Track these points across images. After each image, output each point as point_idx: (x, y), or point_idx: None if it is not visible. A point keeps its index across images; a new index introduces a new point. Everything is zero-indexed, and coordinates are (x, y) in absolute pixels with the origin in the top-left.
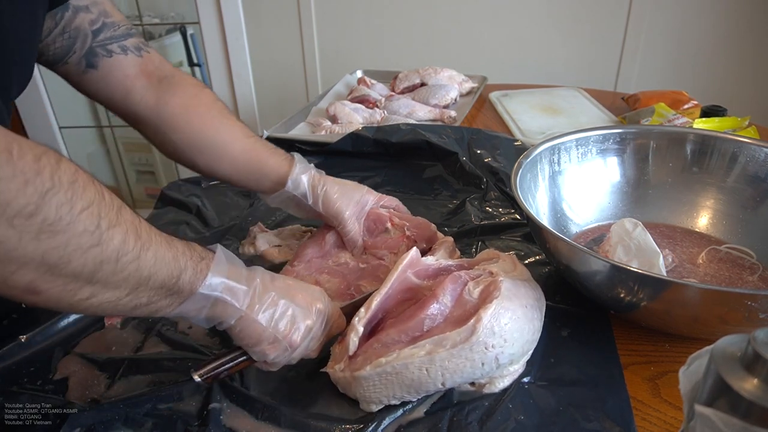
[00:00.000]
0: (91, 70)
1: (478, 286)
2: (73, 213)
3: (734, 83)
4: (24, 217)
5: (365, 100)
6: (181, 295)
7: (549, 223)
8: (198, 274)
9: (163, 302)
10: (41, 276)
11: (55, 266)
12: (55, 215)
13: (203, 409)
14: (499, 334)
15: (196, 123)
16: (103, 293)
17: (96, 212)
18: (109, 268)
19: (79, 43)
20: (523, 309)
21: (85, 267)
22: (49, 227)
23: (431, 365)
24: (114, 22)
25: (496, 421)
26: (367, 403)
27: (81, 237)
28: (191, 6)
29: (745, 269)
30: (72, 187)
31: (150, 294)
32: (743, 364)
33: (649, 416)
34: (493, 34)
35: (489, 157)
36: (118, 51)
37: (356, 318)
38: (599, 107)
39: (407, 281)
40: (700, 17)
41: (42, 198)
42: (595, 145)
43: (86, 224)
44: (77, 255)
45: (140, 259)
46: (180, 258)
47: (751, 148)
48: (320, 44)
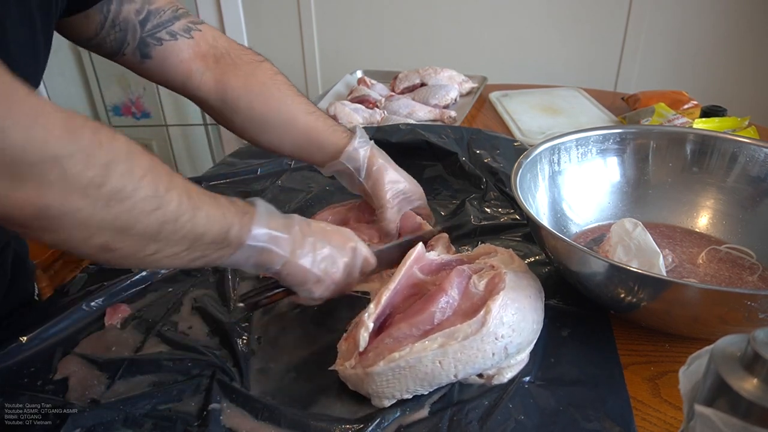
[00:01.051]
0: (146, 60)
1: (483, 279)
2: (134, 180)
3: (734, 83)
4: (95, 188)
5: (365, 100)
6: (230, 247)
7: (549, 223)
8: (243, 228)
9: (215, 255)
10: (114, 237)
11: (124, 228)
12: (120, 183)
13: (203, 409)
14: (508, 324)
15: (257, 104)
16: (165, 250)
17: (154, 178)
18: (169, 228)
19: (130, 35)
20: (528, 299)
21: (149, 227)
22: (117, 194)
23: (444, 358)
24: (158, 8)
25: (496, 421)
26: (380, 399)
27: (144, 201)
28: (191, 6)
29: (745, 269)
30: (129, 157)
31: (204, 248)
32: (743, 364)
33: (649, 416)
34: (493, 34)
35: (489, 158)
36: (167, 38)
37: (366, 314)
38: (599, 107)
39: (413, 277)
40: (700, 17)
41: (106, 169)
42: (595, 145)
43: (147, 190)
44: (143, 217)
45: (195, 218)
46: (227, 214)
47: (751, 148)
48: (320, 44)
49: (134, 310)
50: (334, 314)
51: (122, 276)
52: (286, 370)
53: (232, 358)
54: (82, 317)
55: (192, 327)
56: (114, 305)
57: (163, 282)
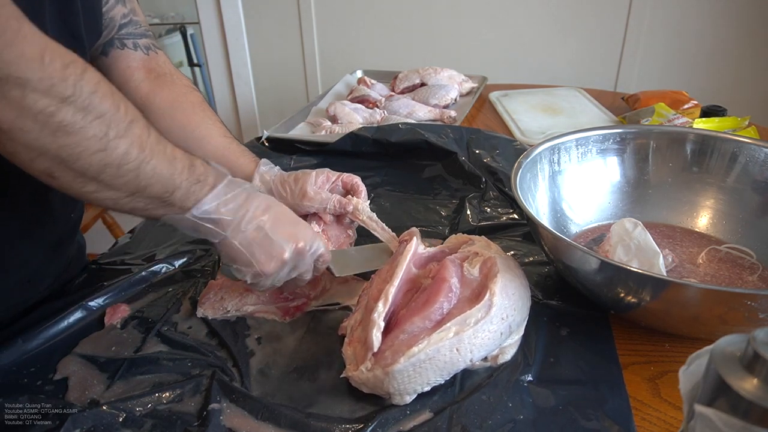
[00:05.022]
0: (102, 57)
1: (475, 265)
2: (86, 120)
3: (734, 83)
4: (45, 116)
5: (365, 100)
6: (173, 207)
7: (549, 223)
8: (190, 196)
9: (157, 211)
10: (55, 165)
11: (66, 160)
12: (70, 119)
13: (203, 409)
14: (510, 304)
15: (179, 117)
16: (105, 191)
17: (107, 122)
18: (111, 172)
19: (106, 32)
20: (519, 279)
21: (91, 166)
22: (65, 127)
23: (460, 344)
24: (138, 21)
25: (496, 421)
26: (401, 396)
27: (90, 141)
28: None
29: (745, 269)
30: (91, 97)
31: (146, 201)
32: (743, 364)
33: (648, 416)
34: (493, 34)
35: (488, 157)
36: (130, 46)
37: (375, 313)
38: (599, 107)
39: (409, 272)
40: (700, 17)
41: (62, 102)
42: (595, 145)
43: (96, 131)
44: (85, 155)
45: (139, 169)
46: (176, 176)
47: (751, 148)
48: (320, 44)
49: (134, 310)
50: (334, 314)
51: (122, 276)
52: (286, 370)
53: (232, 358)
54: (82, 317)
55: (192, 327)
56: (114, 305)
57: (163, 282)
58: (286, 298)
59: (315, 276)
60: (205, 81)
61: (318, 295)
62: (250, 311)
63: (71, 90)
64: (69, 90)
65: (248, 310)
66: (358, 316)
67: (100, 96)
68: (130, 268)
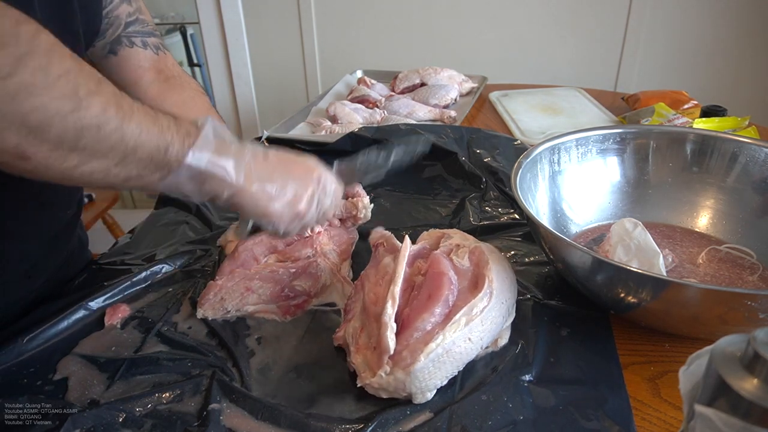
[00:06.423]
0: (111, 56)
1: (462, 256)
2: (50, 78)
3: (734, 83)
4: (1, 78)
5: (365, 100)
6: (169, 168)
7: (549, 223)
8: (184, 148)
9: (154, 176)
10: (25, 139)
11: (36, 129)
12: (30, 78)
13: (203, 409)
14: (505, 287)
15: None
16: (90, 162)
17: (73, 79)
18: (91, 135)
19: (112, 30)
20: (503, 262)
21: (66, 132)
22: (26, 89)
23: (472, 333)
24: (145, 20)
25: (495, 421)
26: (422, 394)
27: (59, 101)
28: (191, 6)
29: (745, 269)
30: (49, 54)
31: (138, 166)
32: (743, 364)
33: (648, 416)
34: (493, 34)
35: (488, 157)
36: (139, 44)
37: (385, 316)
38: (599, 107)
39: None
40: (700, 17)
41: (18, 61)
42: (595, 145)
43: (63, 89)
44: (57, 120)
45: (123, 129)
46: (166, 132)
47: (751, 148)
48: (320, 44)
49: (134, 310)
50: (334, 314)
51: (122, 276)
52: (286, 370)
53: (232, 358)
54: (82, 317)
55: (192, 327)
56: (114, 305)
57: (163, 282)
58: (287, 296)
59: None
60: (205, 81)
61: (318, 293)
62: (250, 311)
63: (26, 47)
64: (23, 47)
65: (248, 311)
66: (357, 324)
67: (60, 54)
68: (130, 268)
